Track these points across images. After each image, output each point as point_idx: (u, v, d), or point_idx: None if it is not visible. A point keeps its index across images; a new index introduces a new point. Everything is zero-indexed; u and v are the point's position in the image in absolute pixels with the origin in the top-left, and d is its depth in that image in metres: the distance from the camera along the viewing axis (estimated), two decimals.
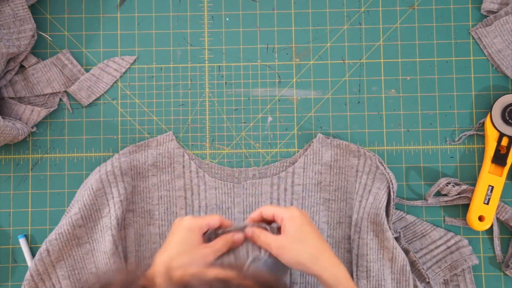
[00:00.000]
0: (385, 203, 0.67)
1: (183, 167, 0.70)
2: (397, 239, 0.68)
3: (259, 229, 0.59)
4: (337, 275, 0.55)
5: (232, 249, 0.59)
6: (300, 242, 0.56)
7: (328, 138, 0.71)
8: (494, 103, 0.69)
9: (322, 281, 0.55)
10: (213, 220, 0.60)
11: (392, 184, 0.67)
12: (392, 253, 0.65)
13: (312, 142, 0.71)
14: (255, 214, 0.61)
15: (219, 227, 0.61)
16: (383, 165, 0.68)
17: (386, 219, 0.66)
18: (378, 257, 0.66)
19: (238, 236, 0.59)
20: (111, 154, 0.72)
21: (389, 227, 0.67)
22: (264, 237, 0.57)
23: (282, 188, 0.70)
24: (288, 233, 0.56)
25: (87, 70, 0.73)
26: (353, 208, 0.68)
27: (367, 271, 0.65)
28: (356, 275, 0.66)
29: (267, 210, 0.60)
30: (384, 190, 0.67)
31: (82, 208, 0.67)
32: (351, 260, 0.68)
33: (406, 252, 0.67)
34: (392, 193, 0.67)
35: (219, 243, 0.58)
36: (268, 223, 0.61)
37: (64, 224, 0.67)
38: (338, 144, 0.70)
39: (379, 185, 0.68)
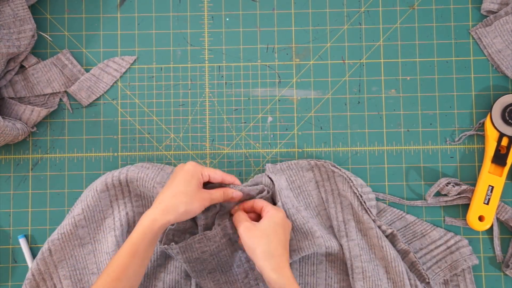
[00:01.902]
0: (356, 201, 0.67)
1: None
2: (393, 235, 0.67)
3: (241, 212, 0.63)
4: (280, 280, 0.57)
5: (227, 201, 0.64)
6: (266, 236, 0.59)
7: (276, 164, 0.70)
8: (494, 103, 0.70)
9: (266, 279, 0.58)
10: (215, 173, 0.63)
11: (352, 182, 0.68)
12: (382, 252, 0.66)
13: (263, 175, 0.68)
14: (247, 205, 0.65)
15: (220, 183, 0.65)
16: (337, 167, 0.68)
17: (367, 216, 0.66)
18: (371, 257, 0.66)
19: (237, 193, 0.63)
20: (111, 154, 0.72)
21: (373, 221, 0.67)
22: (239, 216, 0.62)
23: None
24: (261, 224, 0.60)
25: (87, 70, 0.73)
26: (330, 216, 0.68)
27: (363, 272, 0.65)
28: (352, 277, 0.66)
29: (259, 202, 0.64)
30: (350, 190, 0.67)
31: (85, 209, 0.67)
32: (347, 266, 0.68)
33: (406, 252, 0.67)
34: (355, 190, 0.67)
35: (218, 193, 0.62)
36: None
37: (66, 224, 0.67)
38: (288, 166, 0.69)
39: (342, 186, 0.68)
